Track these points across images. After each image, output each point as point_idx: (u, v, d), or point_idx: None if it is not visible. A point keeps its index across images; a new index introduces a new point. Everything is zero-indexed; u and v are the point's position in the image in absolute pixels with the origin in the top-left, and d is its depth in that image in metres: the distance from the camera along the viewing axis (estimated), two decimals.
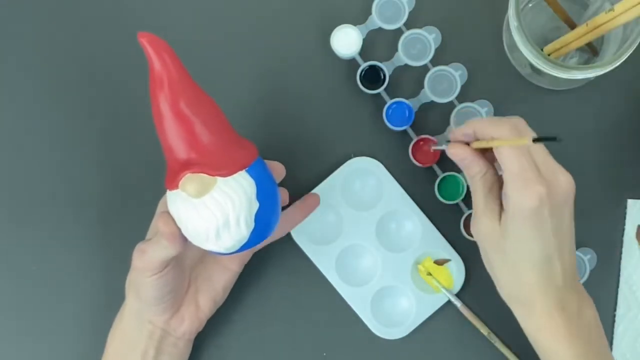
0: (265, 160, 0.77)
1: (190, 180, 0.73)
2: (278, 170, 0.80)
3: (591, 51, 0.88)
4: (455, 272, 0.87)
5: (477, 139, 0.77)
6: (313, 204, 0.86)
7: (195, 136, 0.73)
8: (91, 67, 0.90)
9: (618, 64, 0.78)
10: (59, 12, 0.90)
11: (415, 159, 0.87)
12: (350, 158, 0.88)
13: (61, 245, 0.89)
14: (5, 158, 0.89)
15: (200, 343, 0.86)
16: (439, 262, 0.87)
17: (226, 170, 0.74)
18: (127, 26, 0.89)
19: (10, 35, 0.90)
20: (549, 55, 0.83)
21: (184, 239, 0.75)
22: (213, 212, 0.73)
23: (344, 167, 0.88)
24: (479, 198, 0.77)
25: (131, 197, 0.89)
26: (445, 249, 0.87)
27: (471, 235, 0.87)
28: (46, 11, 0.90)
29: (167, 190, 0.75)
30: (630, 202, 0.88)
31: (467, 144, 0.78)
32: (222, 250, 0.75)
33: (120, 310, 0.83)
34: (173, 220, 0.75)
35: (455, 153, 0.78)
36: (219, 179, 0.74)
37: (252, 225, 0.74)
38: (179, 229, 0.75)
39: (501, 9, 0.86)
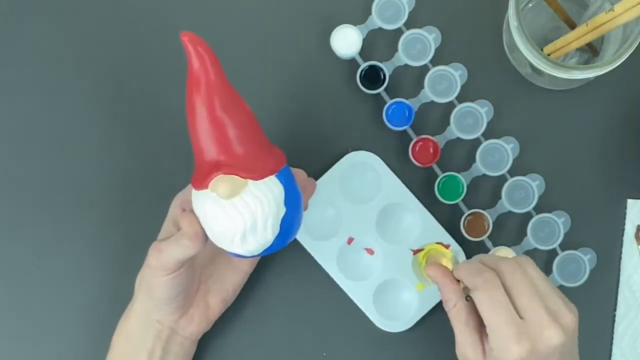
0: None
1: (221, 181, 0.73)
2: (301, 177, 0.80)
3: (591, 51, 0.88)
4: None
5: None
6: (311, 189, 0.84)
7: (228, 138, 0.73)
8: (91, 67, 0.90)
9: (618, 64, 0.78)
10: (64, 10, 0.90)
11: (415, 159, 0.87)
12: (347, 152, 0.88)
13: (61, 245, 0.89)
14: (5, 158, 0.89)
15: (200, 341, 0.86)
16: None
17: (257, 173, 0.74)
18: (130, 26, 0.90)
19: (13, 35, 0.90)
20: (549, 55, 0.83)
21: (206, 240, 0.75)
22: (242, 214, 0.73)
23: (342, 162, 0.88)
24: (456, 328, 0.75)
25: (133, 197, 0.89)
26: (445, 240, 0.87)
27: (471, 236, 0.87)
28: (54, 9, 0.90)
29: (194, 189, 0.75)
30: (630, 202, 0.88)
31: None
32: (244, 253, 0.75)
33: (127, 310, 0.82)
34: (197, 220, 0.75)
35: (431, 275, 0.77)
36: (250, 181, 0.74)
37: (278, 230, 0.74)
38: (203, 230, 0.75)
39: (501, 9, 0.86)
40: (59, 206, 0.89)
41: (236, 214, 0.73)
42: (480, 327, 0.74)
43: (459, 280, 0.76)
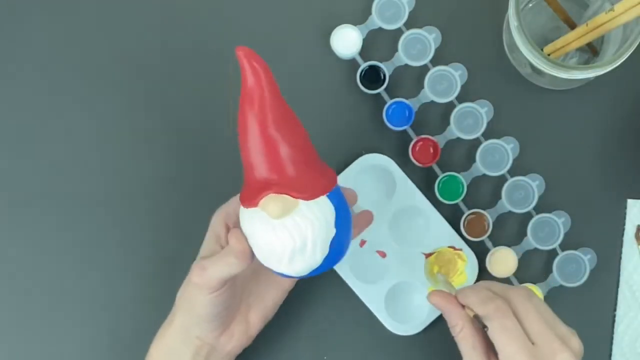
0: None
1: (272, 200, 0.71)
2: (351, 196, 0.79)
3: (591, 51, 0.88)
4: (468, 266, 0.87)
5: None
6: (368, 221, 0.84)
7: (280, 157, 0.72)
8: (90, 67, 0.90)
9: (618, 64, 0.78)
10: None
11: (415, 159, 0.87)
12: (361, 155, 0.88)
13: (61, 246, 0.89)
14: (5, 158, 0.89)
15: None
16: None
17: (308, 193, 0.72)
18: (126, 25, 0.90)
19: (26, 34, 0.90)
20: (549, 55, 0.83)
21: (252, 258, 0.74)
22: (292, 234, 0.71)
23: (356, 164, 0.87)
24: (464, 353, 0.75)
25: (133, 199, 0.89)
26: (457, 244, 0.87)
27: (471, 236, 0.87)
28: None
29: (242, 206, 0.74)
30: (630, 202, 0.88)
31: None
32: (291, 274, 0.74)
33: (166, 323, 0.81)
34: (245, 237, 0.73)
35: (435, 302, 0.77)
36: (301, 201, 0.72)
37: (327, 251, 0.73)
38: (250, 248, 0.73)
39: (501, 9, 0.86)
40: (60, 206, 0.89)
41: (286, 235, 0.71)
42: (488, 351, 0.75)
43: (463, 305, 0.76)
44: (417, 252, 0.87)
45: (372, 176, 0.88)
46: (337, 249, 0.74)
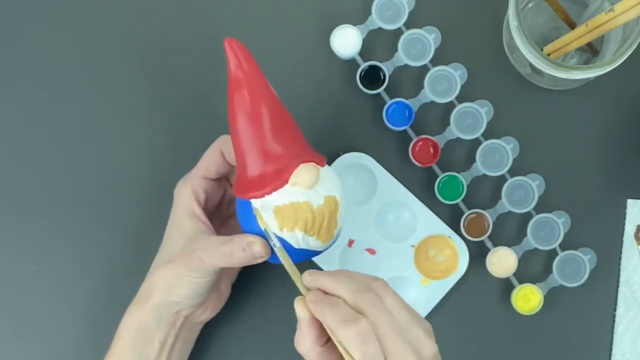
0: None
1: (306, 170, 0.72)
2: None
3: (591, 51, 0.88)
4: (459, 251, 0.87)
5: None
6: None
7: (288, 133, 0.74)
8: (88, 67, 0.90)
9: (618, 64, 0.78)
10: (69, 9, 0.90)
11: (415, 159, 0.87)
12: (339, 155, 0.88)
13: (61, 245, 0.89)
14: (4, 158, 0.89)
15: (201, 344, 0.86)
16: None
17: (320, 159, 0.75)
18: (131, 22, 0.90)
19: (13, 34, 0.90)
20: (549, 55, 0.83)
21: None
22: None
23: (334, 165, 0.87)
24: None
25: (133, 197, 0.89)
26: (444, 232, 0.87)
27: (471, 236, 0.87)
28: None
29: (256, 199, 0.74)
30: (630, 202, 0.88)
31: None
32: (322, 246, 0.75)
33: (140, 300, 0.80)
34: (260, 240, 0.75)
35: (298, 310, 0.74)
36: (321, 168, 0.74)
37: (345, 210, 0.76)
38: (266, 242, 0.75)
39: (501, 9, 0.86)
40: (59, 206, 0.89)
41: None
42: None
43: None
44: (406, 245, 0.87)
45: (353, 175, 0.88)
46: (345, 212, 0.77)
